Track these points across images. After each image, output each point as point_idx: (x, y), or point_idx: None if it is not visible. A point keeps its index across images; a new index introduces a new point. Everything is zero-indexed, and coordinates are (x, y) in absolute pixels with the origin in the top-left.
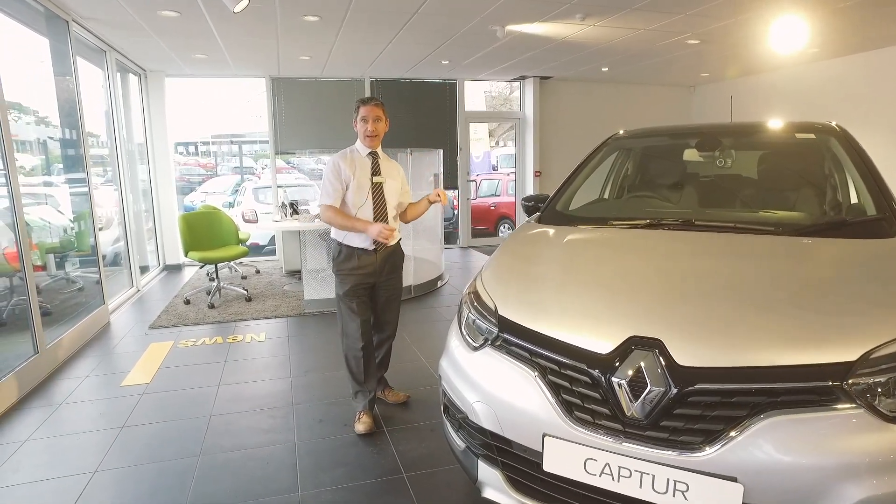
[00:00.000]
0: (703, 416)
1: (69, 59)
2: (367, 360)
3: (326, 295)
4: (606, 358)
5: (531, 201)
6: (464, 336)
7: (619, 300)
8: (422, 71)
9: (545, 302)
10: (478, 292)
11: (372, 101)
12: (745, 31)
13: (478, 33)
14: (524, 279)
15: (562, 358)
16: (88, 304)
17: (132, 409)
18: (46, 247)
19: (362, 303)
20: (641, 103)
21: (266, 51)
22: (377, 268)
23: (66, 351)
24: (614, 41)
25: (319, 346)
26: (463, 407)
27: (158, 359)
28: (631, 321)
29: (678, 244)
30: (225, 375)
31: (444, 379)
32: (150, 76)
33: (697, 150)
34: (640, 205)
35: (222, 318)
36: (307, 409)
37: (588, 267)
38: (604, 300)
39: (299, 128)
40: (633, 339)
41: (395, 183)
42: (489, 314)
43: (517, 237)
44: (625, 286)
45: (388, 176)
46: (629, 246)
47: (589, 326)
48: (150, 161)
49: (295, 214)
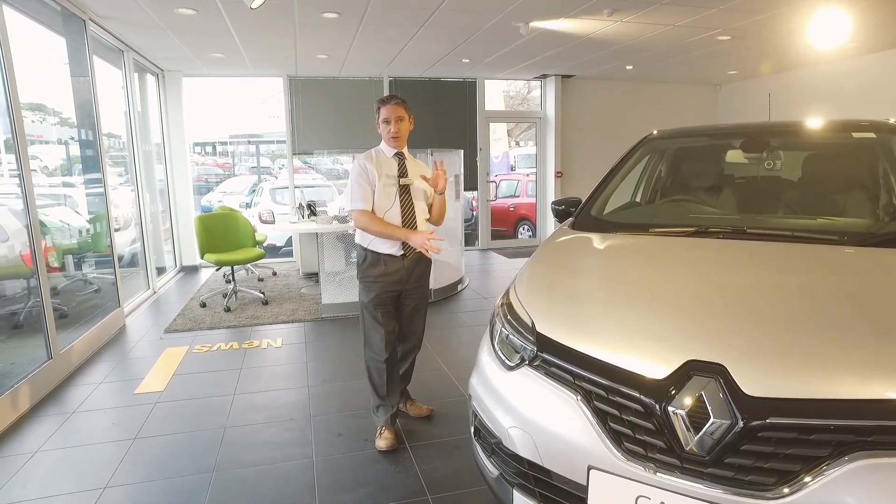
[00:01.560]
0: (776, 455)
1: (86, 59)
2: (391, 373)
3: (344, 299)
4: (661, 384)
5: (561, 205)
6: (497, 353)
7: (672, 318)
8: (441, 70)
9: (588, 318)
10: (512, 305)
11: (392, 99)
12: (781, 25)
13: (500, 30)
14: (563, 292)
15: (609, 382)
16: (104, 306)
17: (145, 418)
18: (63, 248)
19: (387, 312)
20: (664, 102)
21: (283, 49)
22: (405, 275)
23: (80, 356)
24: (641, 38)
25: (337, 353)
26: (497, 431)
27: (173, 365)
28: (688, 343)
29: (732, 254)
30: (241, 383)
31: (475, 399)
32: (167, 76)
33: (743, 150)
34: (682, 210)
35: (238, 322)
36: (325, 422)
37: (634, 280)
38: (655, 318)
39: (317, 128)
40: (691, 363)
41: (422, 184)
42: (526, 331)
43: (552, 245)
44: (677, 302)
45: (416, 177)
46: (677, 256)
47: (640, 348)
48: (168, 161)
49: (313, 216)
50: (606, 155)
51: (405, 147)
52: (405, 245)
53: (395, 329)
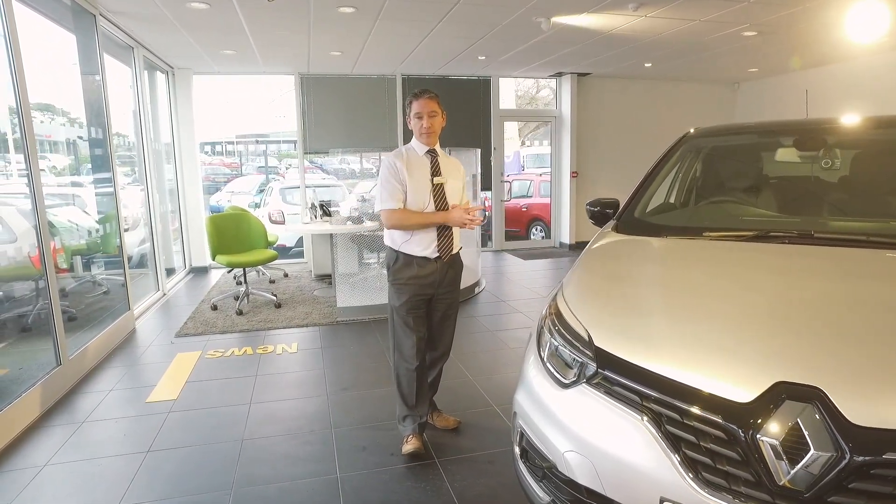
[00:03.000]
0: (893, 497)
1: (96, 56)
2: (421, 381)
3: (359, 302)
4: (747, 408)
5: (597, 206)
6: (547, 368)
7: (752, 334)
8: (456, 67)
9: (654, 332)
10: (562, 315)
11: (426, 93)
12: (813, 19)
13: (520, 26)
14: (619, 302)
15: (684, 405)
16: (114, 309)
17: (158, 429)
18: (72, 249)
19: (419, 317)
20: (681, 101)
21: (297, 46)
22: (437, 278)
23: (90, 361)
24: (664, 34)
25: (355, 360)
26: (550, 455)
27: (185, 371)
28: (774, 361)
29: (803, 261)
30: (256, 392)
31: (522, 417)
32: (177, 74)
33: (797, 148)
34: (732, 212)
35: (251, 325)
36: (348, 434)
37: (700, 289)
38: (732, 333)
39: (329, 127)
40: (781, 385)
41: (456, 183)
42: (582, 344)
43: (597, 250)
44: (756, 316)
45: (450, 176)
46: (743, 263)
47: (718, 366)
48: (177, 161)
49: (326, 216)
50: (623, 155)
51: (438, 144)
52: (440, 246)
53: (426, 335)
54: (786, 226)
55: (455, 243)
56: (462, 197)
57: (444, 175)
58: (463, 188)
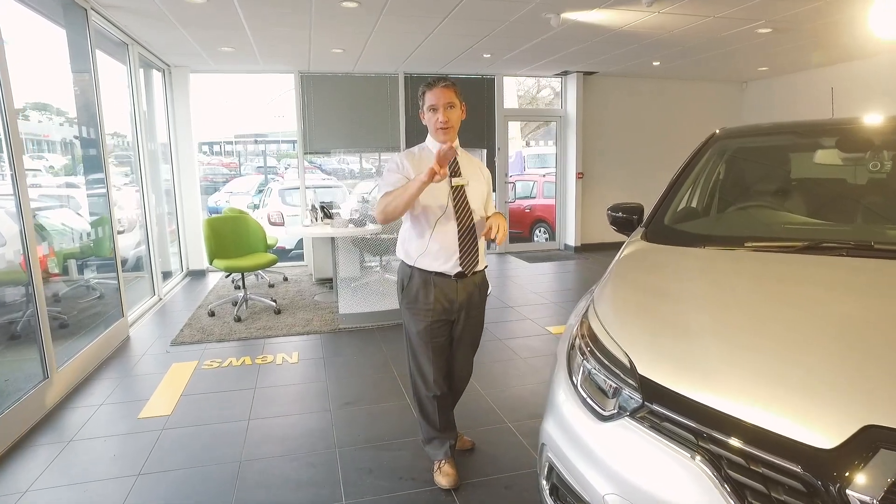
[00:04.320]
0: None
1: (88, 52)
2: (445, 407)
3: (362, 309)
4: (830, 456)
5: (619, 212)
6: (581, 395)
7: (828, 363)
8: (459, 66)
9: (708, 358)
10: (596, 336)
11: (441, 82)
12: (835, 14)
13: (528, 22)
14: (662, 321)
15: (751, 448)
16: (107, 315)
17: (150, 449)
18: (64, 253)
19: (439, 346)
20: (688, 100)
21: (297, 43)
22: (461, 299)
23: (79, 372)
24: (676, 31)
25: (359, 371)
26: (587, 497)
27: (181, 384)
28: (859, 399)
29: (870, 277)
30: (255, 407)
31: (553, 450)
32: (174, 72)
33: (840, 149)
34: (771, 219)
35: (250, 333)
36: (352, 455)
37: (754, 307)
38: (803, 362)
39: (329, 126)
40: (871, 430)
41: (480, 186)
42: (622, 371)
43: (629, 261)
44: (827, 341)
45: (473, 178)
46: (797, 278)
47: (791, 402)
48: (174, 161)
49: (326, 219)
50: (630, 155)
51: (457, 141)
52: (463, 259)
53: (448, 362)
54: (839, 235)
55: (481, 258)
56: (488, 204)
57: (465, 176)
58: (488, 194)
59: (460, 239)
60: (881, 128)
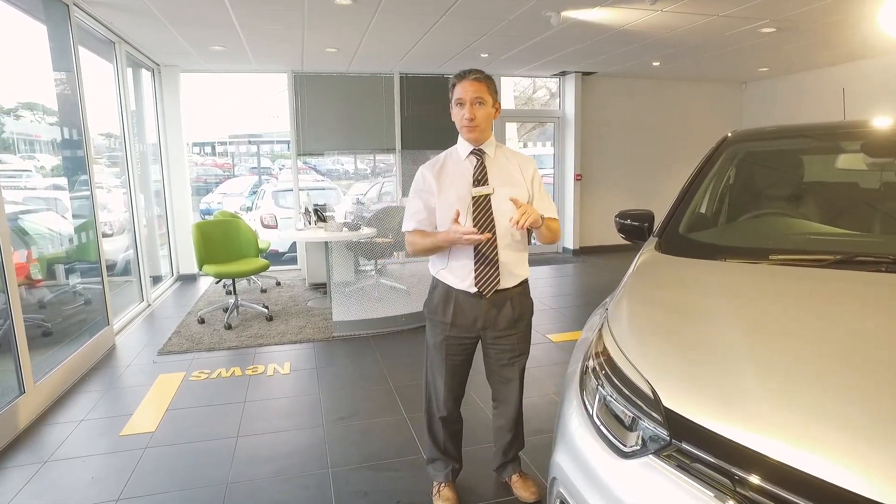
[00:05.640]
0: None
1: (70, 49)
2: (451, 432)
3: (357, 316)
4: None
5: (627, 218)
6: (597, 426)
7: (891, 401)
8: (455, 66)
9: (743, 389)
10: (613, 360)
11: (472, 74)
12: (838, 14)
13: (528, 20)
14: (687, 344)
15: (802, 499)
16: (92, 323)
17: (132, 470)
18: (47, 257)
19: (454, 365)
20: (687, 101)
21: (290, 42)
22: (484, 318)
23: (60, 385)
24: (678, 30)
25: (353, 382)
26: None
27: (167, 397)
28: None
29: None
30: (245, 422)
31: (566, 486)
32: (164, 71)
33: (866, 153)
34: (794, 228)
35: (240, 341)
36: (347, 476)
37: (793, 331)
38: (859, 399)
39: (323, 127)
40: None
41: (515, 192)
42: (645, 403)
43: (645, 275)
44: (885, 372)
45: (505, 183)
46: (837, 297)
47: (847, 447)
48: (164, 162)
49: (320, 222)
50: (629, 156)
51: (491, 140)
52: (479, 278)
53: (463, 385)
54: (875, 248)
55: (505, 275)
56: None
57: (493, 183)
58: (530, 197)
59: (476, 255)
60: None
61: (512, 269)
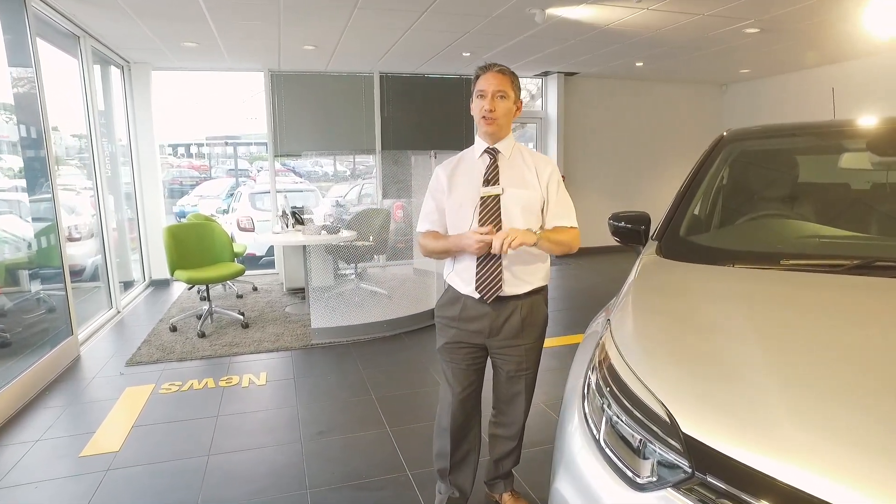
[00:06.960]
0: None
1: (27, 42)
2: (456, 446)
3: (336, 323)
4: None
5: (621, 221)
6: (606, 453)
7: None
8: (436, 65)
9: (770, 413)
10: (619, 376)
11: (495, 66)
12: (822, 14)
13: (511, 18)
14: (700, 360)
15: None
16: (55, 332)
17: (91, 496)
18: (6, 263)
19: (459, 371)
20: (668, 102)
21: (266, 38)
22: (488, 325)
23: (16, 401)
24: (662, 30)
25: (333, 393)
26: None
27: (133, 412)
28: None
29: None
30: (217, 438)
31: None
32: (134, 68)
33: (872, 152)
34: (801, 231)
35: (214, 350)
36: (326, 497)
37: (826, 345)
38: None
39: (302, 128)
40: None
41: (525, 194)
42: (660, 427)
43: (649, 282)
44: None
45: (516, 184)
46: (867, 306)
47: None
48: (135, 163)
49: (298, 225)
50: (612, 157)
51: (507, 140)
52: (480, 282)
53: (473, 395)
54: (892, 251)
55: (511, 281)
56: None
57: (504, 183)
58: (544, 200)
59: (479, 258)
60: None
61: (520, 276)
